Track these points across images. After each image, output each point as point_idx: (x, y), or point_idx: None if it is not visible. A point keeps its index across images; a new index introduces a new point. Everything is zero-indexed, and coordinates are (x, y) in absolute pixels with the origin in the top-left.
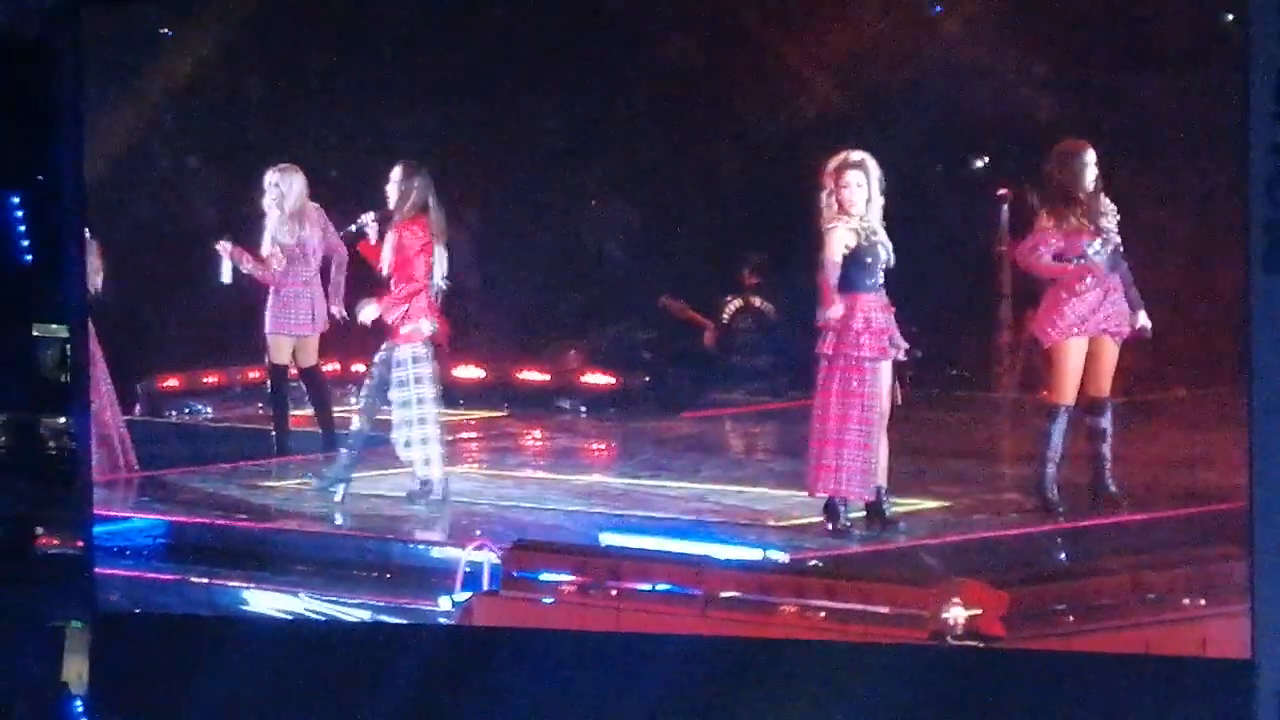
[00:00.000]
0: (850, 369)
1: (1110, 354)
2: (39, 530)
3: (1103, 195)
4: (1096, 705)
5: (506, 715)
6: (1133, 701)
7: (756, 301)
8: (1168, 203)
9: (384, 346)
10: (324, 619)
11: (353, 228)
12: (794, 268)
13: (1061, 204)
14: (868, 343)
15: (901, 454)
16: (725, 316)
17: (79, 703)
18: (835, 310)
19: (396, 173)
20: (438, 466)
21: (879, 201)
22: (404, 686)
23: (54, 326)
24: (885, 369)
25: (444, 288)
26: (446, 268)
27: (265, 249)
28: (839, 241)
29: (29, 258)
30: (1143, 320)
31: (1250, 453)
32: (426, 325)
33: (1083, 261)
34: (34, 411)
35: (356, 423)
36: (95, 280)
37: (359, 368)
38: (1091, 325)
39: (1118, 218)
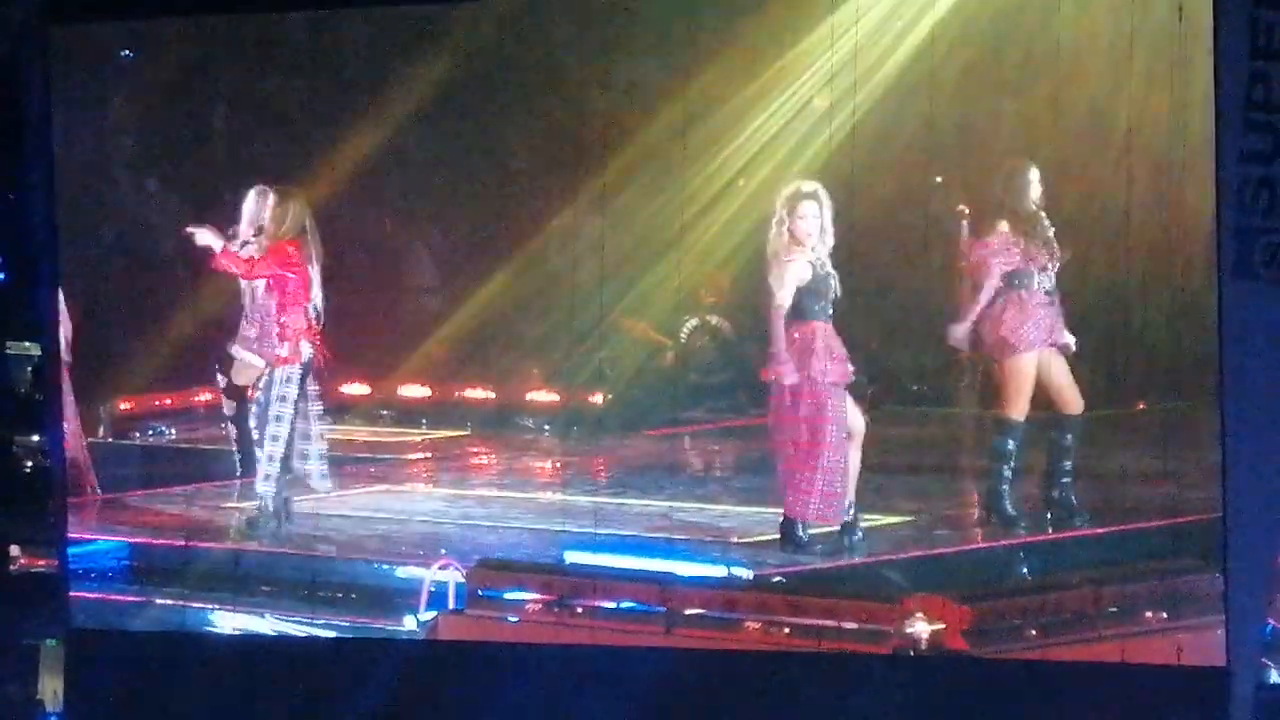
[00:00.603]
0: (817, 395)
1: (1064, 369)
2: (13, 549)
3: (1043, 213)
4: (1071, 712)
5: None
6: (1108, 708)
7: (713, 320)
8: (1128, 218)
9: (265, 370)
10: (295, 635)
11: (238, 241)
12: (752, 288)
13: (1007, 221)
14: (830, 369)
15: (864, 470)
16: (683, 335)
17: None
18: (785, 366)
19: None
20: (271, 485)
21: (830, 232)
22: (374, 699)
23: (26, 345)
24: (842, 391)
25: (320, 309)
26: (322, 290)
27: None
28: (794, 275)
29: (1, 275)
30: (1067, 337)
31: (1222, 457)
32: (305, 348)
33: (1031, 281)
34: (6, 430)
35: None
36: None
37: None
38: (1049, 339)
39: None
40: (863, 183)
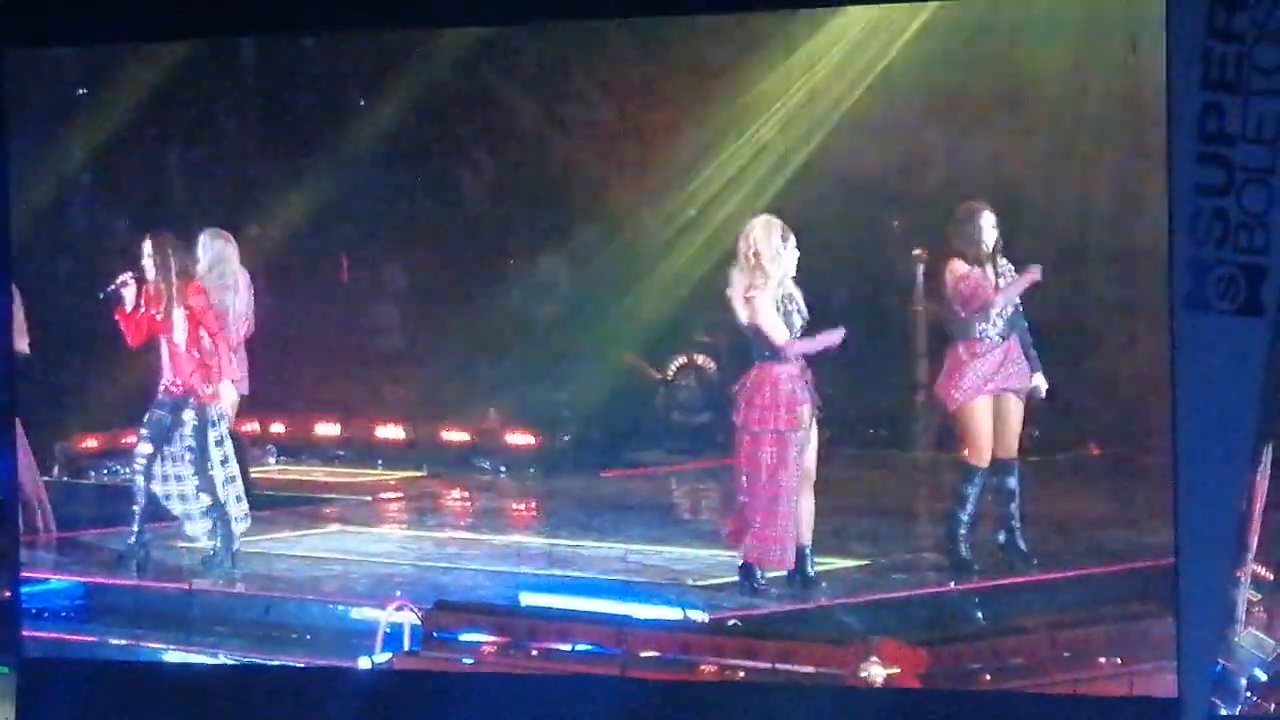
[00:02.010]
0: (761, 442)
1: (1015, 413)
2: None
3: (1000, 256)
4: None
5: None
6: None
7: (699, 359)
8: (1082, 259)
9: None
10: (249, 664)
11: (111, 289)
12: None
13: (963, 263)
14: (774, 416)
15: (820, 513)
16: (670, 372)
17: None
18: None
19: (149, 246)
20: (195, 526)
21: (792, 262)
22: None
23: None
24: (804, 437)
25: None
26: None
27: None
28: (767, 305)
29: None
30: (1038, 380)
31: (1174, 492)
32: (225, 388)
33: (969, 330)
34: None
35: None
36: (21, 341)
37: (278, 428)
38: (994, 384)
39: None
40: (819, 223)
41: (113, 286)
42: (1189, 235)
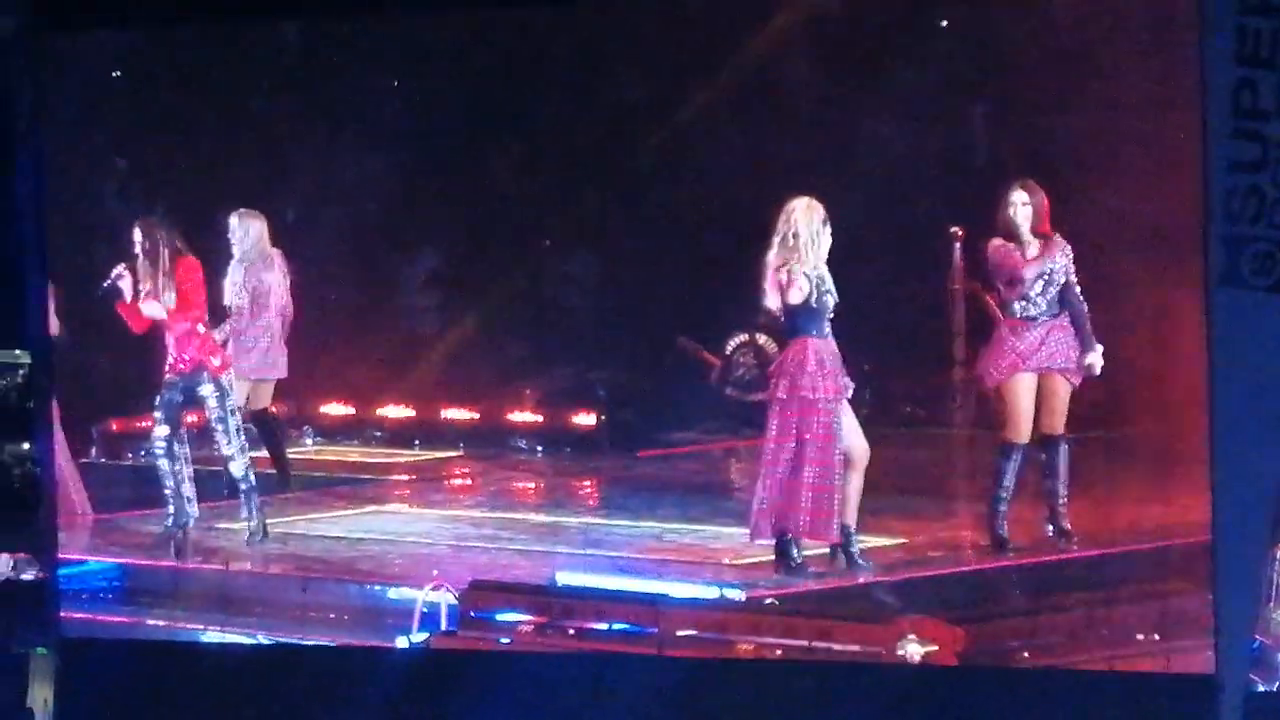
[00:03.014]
0: (808, 412)
1: (1060, 391)
2: (3, 558)
3: (1049, 235)
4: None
5: None
6: (1100, 715)
7: (760, 339)
8: (1124, 239)
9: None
10: (286, 644)
11: (107, 284)
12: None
13: (997, 238)
14: (824, 385)
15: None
16: (728, 350)
17: None
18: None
19: (137, 233)
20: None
21: (827, 246)
22: (370, 709)
23: (16, 353)
24: (843, 409)
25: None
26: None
27: (227, 295)
28: (799, 276)
29: None
30: (1091, 359)
31: (1211, 469)
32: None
33: (1010, 309)
34: None
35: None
36: (52, 323)
37: (315, 410)
38: (1034, 362)
39: (1067, 257)
40: (856, 202)
41: (108, 282)
42: (1224, 212)
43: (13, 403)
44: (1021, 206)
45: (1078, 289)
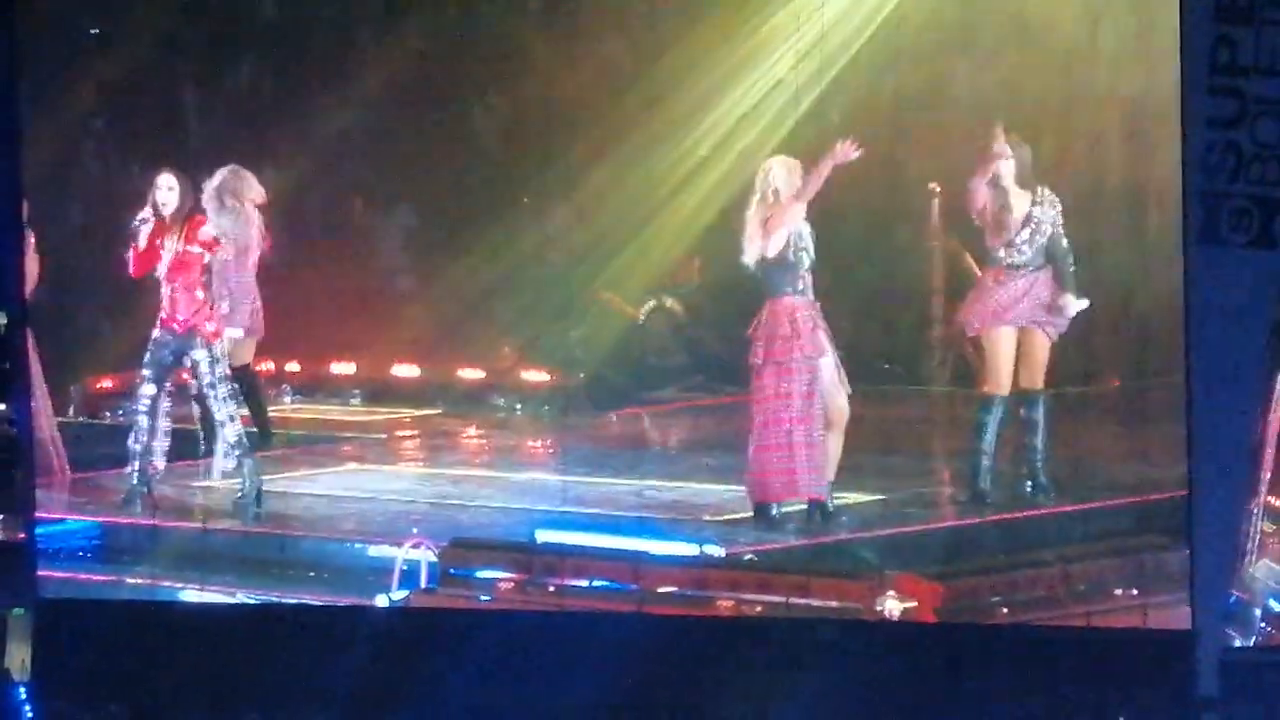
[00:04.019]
0: (784, 372)
1: (1039, 346)
2: None
3: (1030, 189)
4: (1040, 676)
5: (452, 691)
6: (1076, 671)
7: (668, 302)
8: (1095, 193)
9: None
10: (266, 602)
11: (136, 222)
12: (724, 268)
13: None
14: (799, 345)
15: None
16: (642, 316)
17: (22, 689)
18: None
19: (168, 179)
20: (224, 462)
21: (803, 204)
22: (350, 666)
23: None
24: (822, 367)
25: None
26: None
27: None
28: (779, 235)
29: None
30: (1065, 299)
31: (1188, 425)
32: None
33: (1005, 255)
34: None
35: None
36: (29, 284)
37: (294, 367)
38: (1014, 314)
39: (1055, 209)
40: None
41: (137, 221)
42: (1201, 169)
43: None
44: (1005, 160)
45: (1065, 242)
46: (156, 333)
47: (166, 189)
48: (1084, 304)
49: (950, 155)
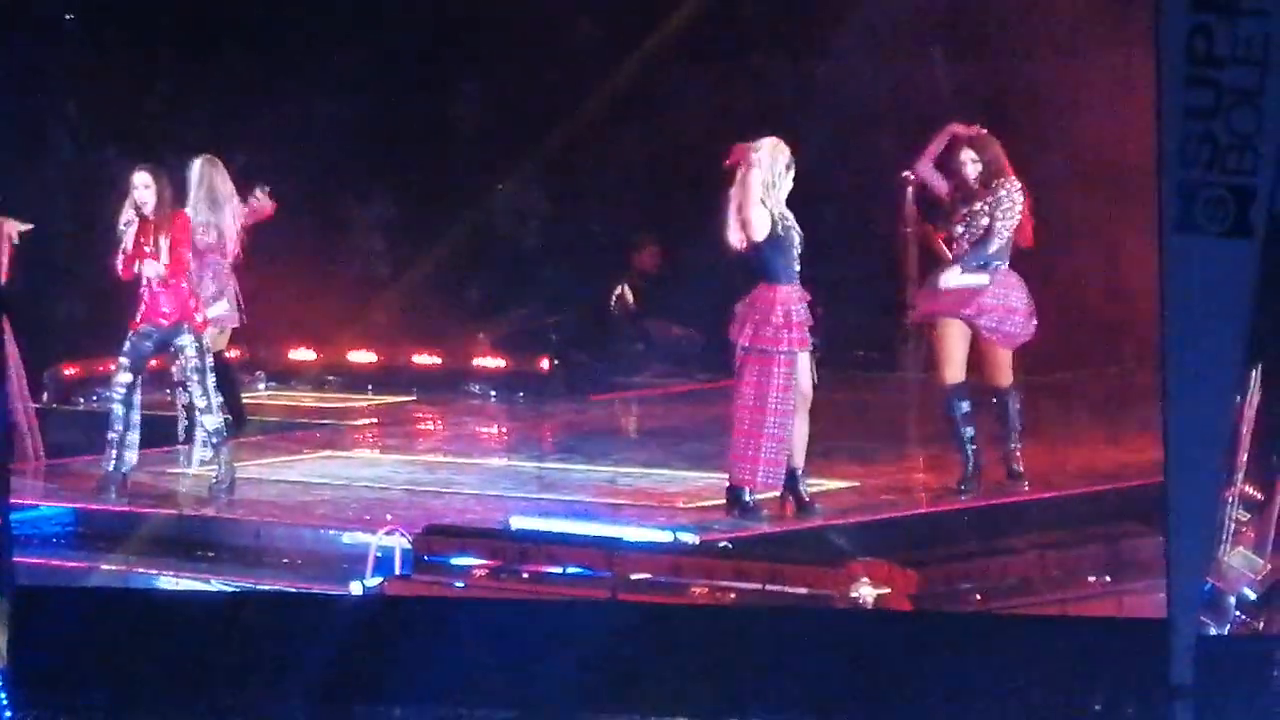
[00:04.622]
0: (768, 363)
1: (999, 350)
2: None
3: (998, 186)
4: (1013, 665)
5: (426, 679)
6: (1050, 660)
7: (623, 289)
8: (1071, 181)
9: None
10: (243, 590)
11: (121, 228)
12: (697, 246)
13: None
14: (788, 338)
15: (810, 435)
16: (612, 302)
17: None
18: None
19: (145, 177)
20: (200, 451)
21: (787, 189)
22: (324, 654)
23: None
24: (802, 358)
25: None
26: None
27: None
28: (761, 214)
29: None
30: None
31: (1164, 414)
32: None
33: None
34: None
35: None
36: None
37: (266, 353)
38: (965, 311)
39: (1013, 203)
40: (808, 146)
41: (122, 224)
42: (1177, 158)
43: None
44: (971, 164)
45: (1004, 235)
46: (141, 325)
47: (143, 187)
48: (969, 279)
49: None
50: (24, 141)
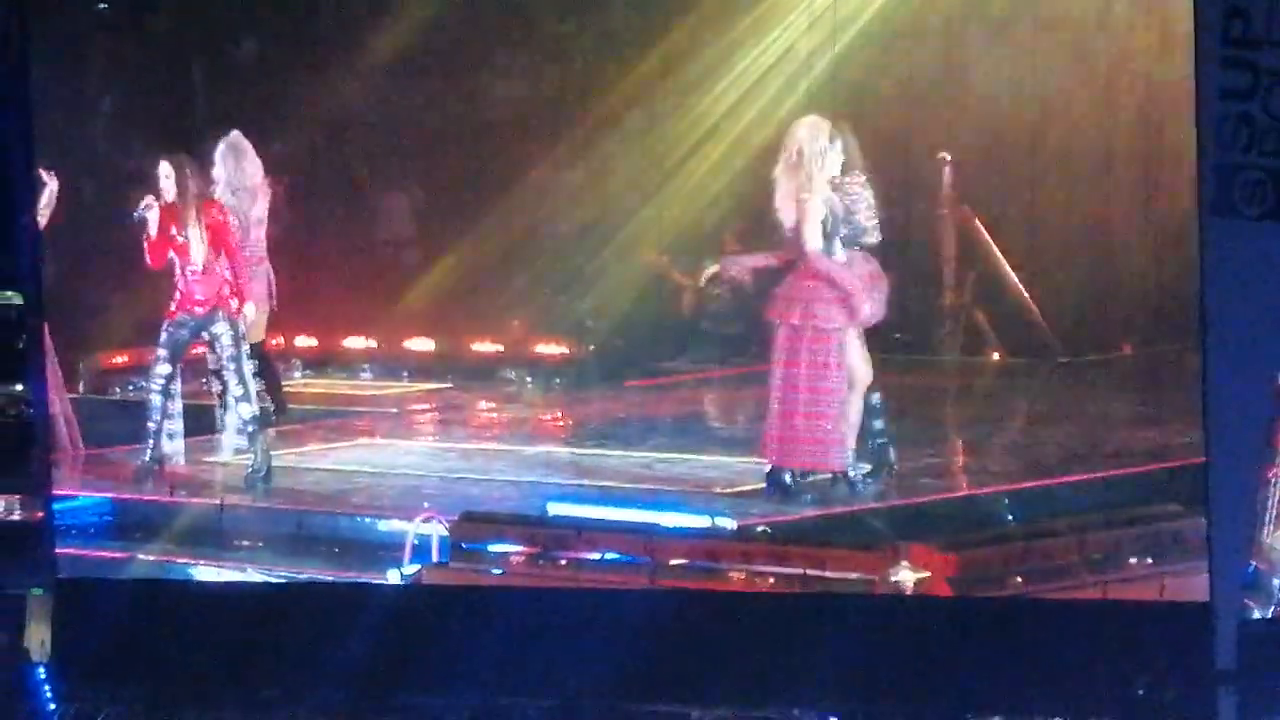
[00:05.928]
0: (820, 340)
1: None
2: None
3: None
4: (1055, 650)
5: (465, 668)
6: (1092, 645)
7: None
8: (1111, 164)
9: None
10: (282, 580)
11: (136, 214)
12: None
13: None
14: (838, 314)
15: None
16: (702, 281)
17: (42, 670)
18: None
19: (166, 167)
20: (235, 439)
21: (836, 163)
22: (362, 642)
23: (8, 294)
24: (854, 336)
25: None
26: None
27: None
28: (816, 208)
29: None
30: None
31: (1204, 396)
32: (248, 306)
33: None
34: None
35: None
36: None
37: (304, 341)
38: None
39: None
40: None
41: (137, 212)
42: (1215, 141)
43: (4, 344)
44: (831, 149)
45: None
46: (176, 314)
47: (164, 177)
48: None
49: (960, 124)
50: (60, 129)
